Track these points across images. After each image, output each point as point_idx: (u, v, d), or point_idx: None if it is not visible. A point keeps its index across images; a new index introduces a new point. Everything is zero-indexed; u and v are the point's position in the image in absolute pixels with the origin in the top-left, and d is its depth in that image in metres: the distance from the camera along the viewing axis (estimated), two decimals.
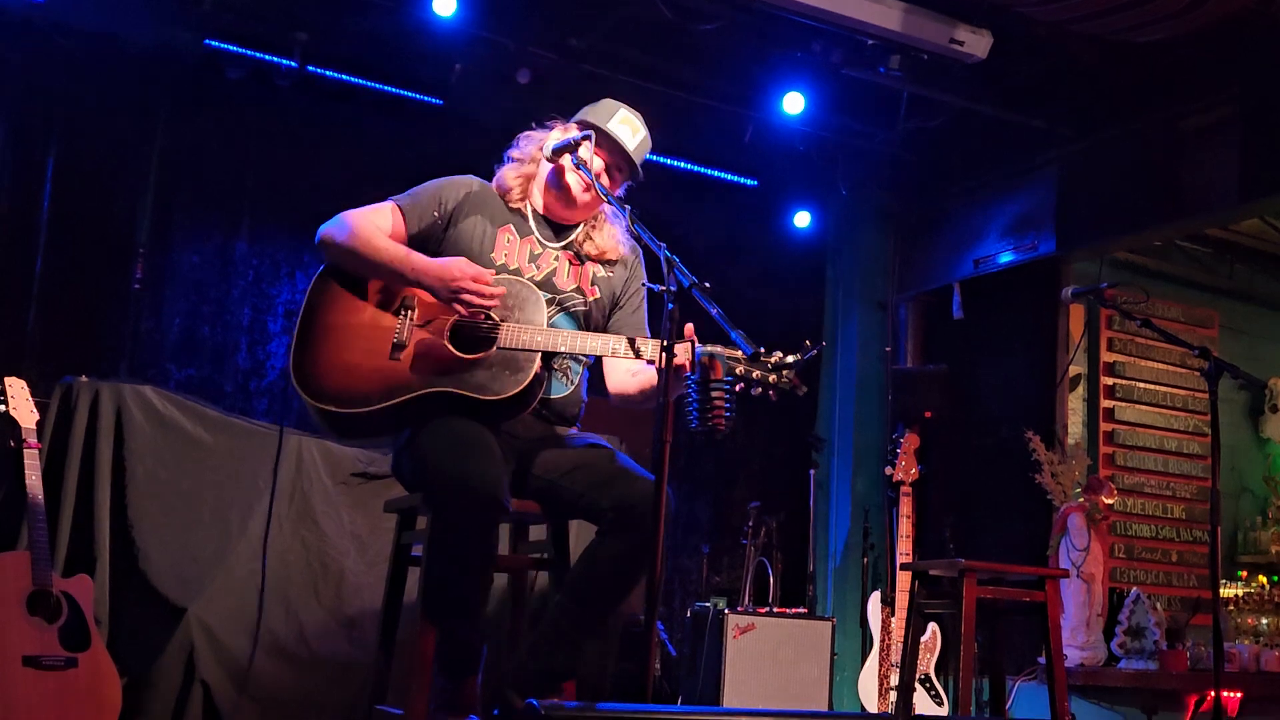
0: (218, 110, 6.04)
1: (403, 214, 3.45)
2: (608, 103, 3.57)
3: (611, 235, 3.60)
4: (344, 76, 6.13)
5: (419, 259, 3.33)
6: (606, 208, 3.58)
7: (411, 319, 3.33)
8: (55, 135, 5.78)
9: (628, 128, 3.52)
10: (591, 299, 3.54)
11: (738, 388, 3.04)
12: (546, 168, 3.51)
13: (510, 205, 3.53)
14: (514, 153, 3.60)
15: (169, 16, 5.75)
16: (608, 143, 3.50)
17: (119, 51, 5.79)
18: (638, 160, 3.54)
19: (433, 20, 5.65)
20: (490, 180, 3.62)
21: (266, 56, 5.94)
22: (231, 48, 5.90)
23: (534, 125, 3.64)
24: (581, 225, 3.59)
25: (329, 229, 3.40)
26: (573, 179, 3.47)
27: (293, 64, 5.91)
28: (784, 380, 3.04)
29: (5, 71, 5.66)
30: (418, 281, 3.31)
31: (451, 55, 6.00)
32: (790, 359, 3.05)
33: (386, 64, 6.19)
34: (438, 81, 6.17)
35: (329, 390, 3.29)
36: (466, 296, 3.25)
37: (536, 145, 3.58)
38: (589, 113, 3.54)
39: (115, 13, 5.68)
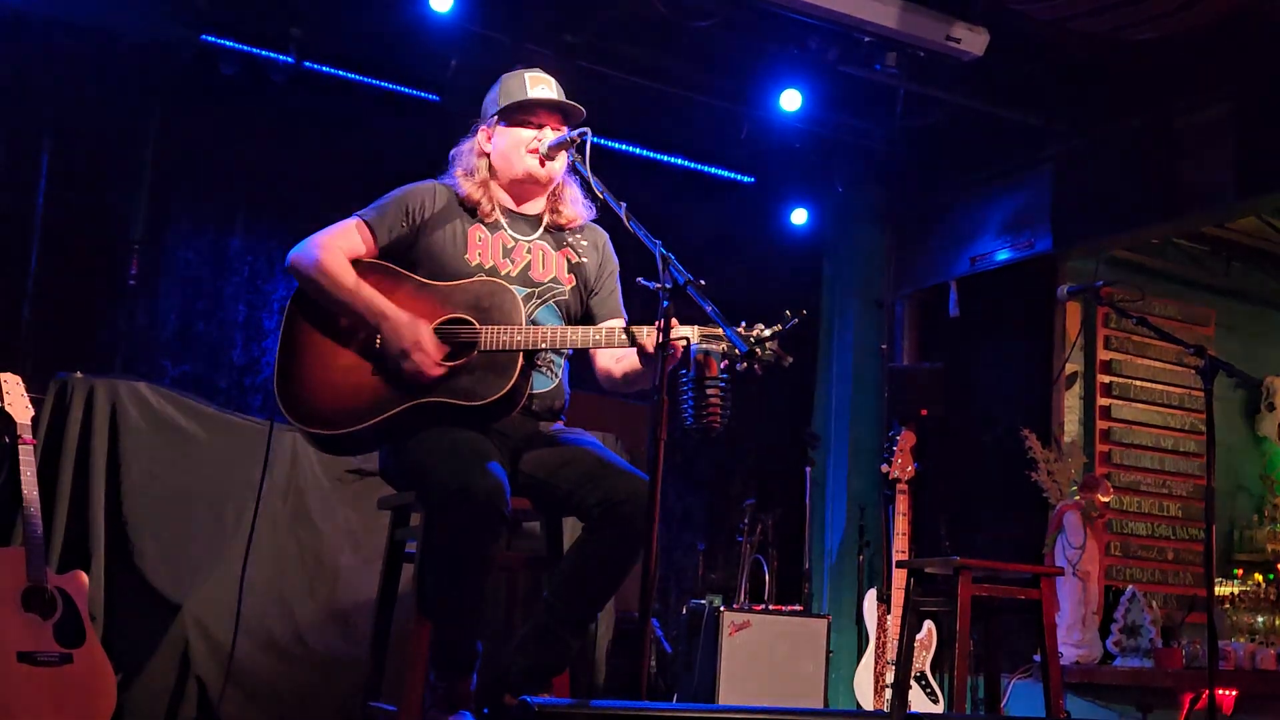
0: (213, 106, 6.03)
1: (370, 230, 3.41)
2: (511, 77, 3.55)
3: (575, 200, 3.60)
4: (340, 72, 6.12)
5: (378, 304, 3.28)
6: (565, 173, 3.57)
7: None
8: (50, 131, 5.77)
9: (544, 86, 3.52)
10: (569, 287, 3.54)
11: (724, 364, 3.04)
12: (523, 167, 3.49)
13: (480, 213, 3.52)
14: (458, 171, 3.56)
15: (164, 12, 5.74)
16: (543, 107, 3.49)
17: (114, 47, 5.78)
18: (569, 101, 3.53)
19: (429, 16, 5.64)
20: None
21: (262, 52, 5.93)
22: (227, 43, 5.88)
23: (460, 139, 3.63)
24: (545, 204, 3.58)
25: (296, 257, 3.36)
26: (551, 166, 3.48)
27: (288, 59, 5.90)
28: (767, 353, 3.04)
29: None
30: (374, 327, 3.28)
31: (447, 51, 5.99)
32: (769, 331, 3.05)
33: (382, 60, 6.18)
34: (434, 78, 6.17)
35: (316, 412, 3.29)
36: (407, 365, 3.23)
37: (474, 153, 3.56)
38: (505, 97, 3.51)
39: (110, 8, 5.67)
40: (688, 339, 3.11)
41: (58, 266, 5.73)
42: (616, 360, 3.50)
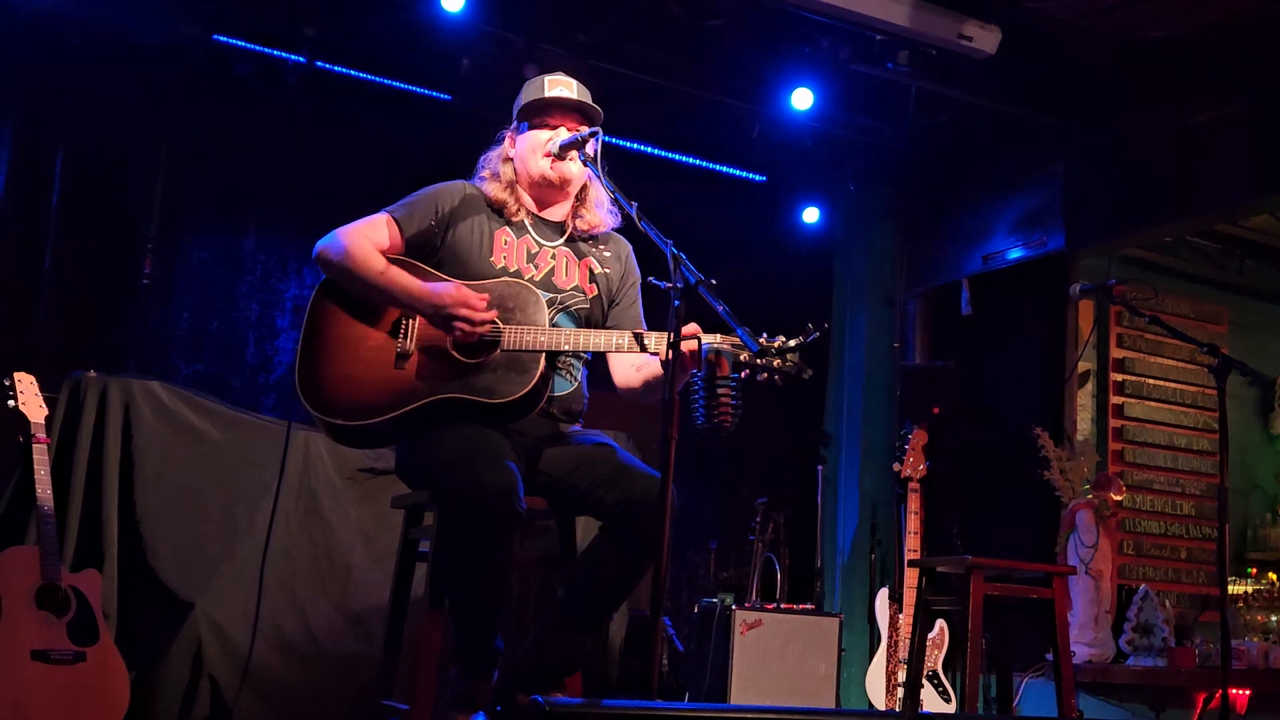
0: (226, 106, 6.04)
1: (398, 225, 3.43)
2: (533, 81, 3.57)
3: (599, 204, 3.61)
4: (352, 72, 6.13)
5: (412, 284, 3.31)
6: (589, 176, 3.58)
7: (414, 326, 3.34)
8: (64, 131, 5.80)
9: (563, 87, 3.53)
10: (591, 296, 3.55)
11: (743, 374, 3.05)
12: (537, 168, 3.50)
13: (507, 213, 3.53)
14: (485, 173, 3.58)
15: (177, 12, 5.75)
16: (560, 108, 3.51)
17: (127, 47, 5.79)
18: (589, 101, 3.54)
19: (441, 15, 5.65)
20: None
21: (275, 52, 5.94)
22: (240, 43, 5.90)
23: (486, 148, 3.65)
24: (569, 210, 3.59)
25: (324, 247, 3.38)
26: (561, 166, 3.48)
27: (301, 59, 5.91)
28: (788, 364, 3.05)
29: (14, 68, 5.67)
30: (411, 307, 3.30)
31: (459, 51, 6.00)
32: (793, 342, 3.06)
33: (395, 60, 6.19)
34: (446, 77, 6.18)
35: (336, 403, 3.29)
36: (459, 324, 3.24)
37: (500, 158, 3.57)
38: (525, 99, 3.54)
39: (123, 9, 5.69)
40: (699, 339, 3.12)
41: (72, 266, 5.75)
42: (637, 369, 3.50)
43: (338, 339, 3.36)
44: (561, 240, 3.57)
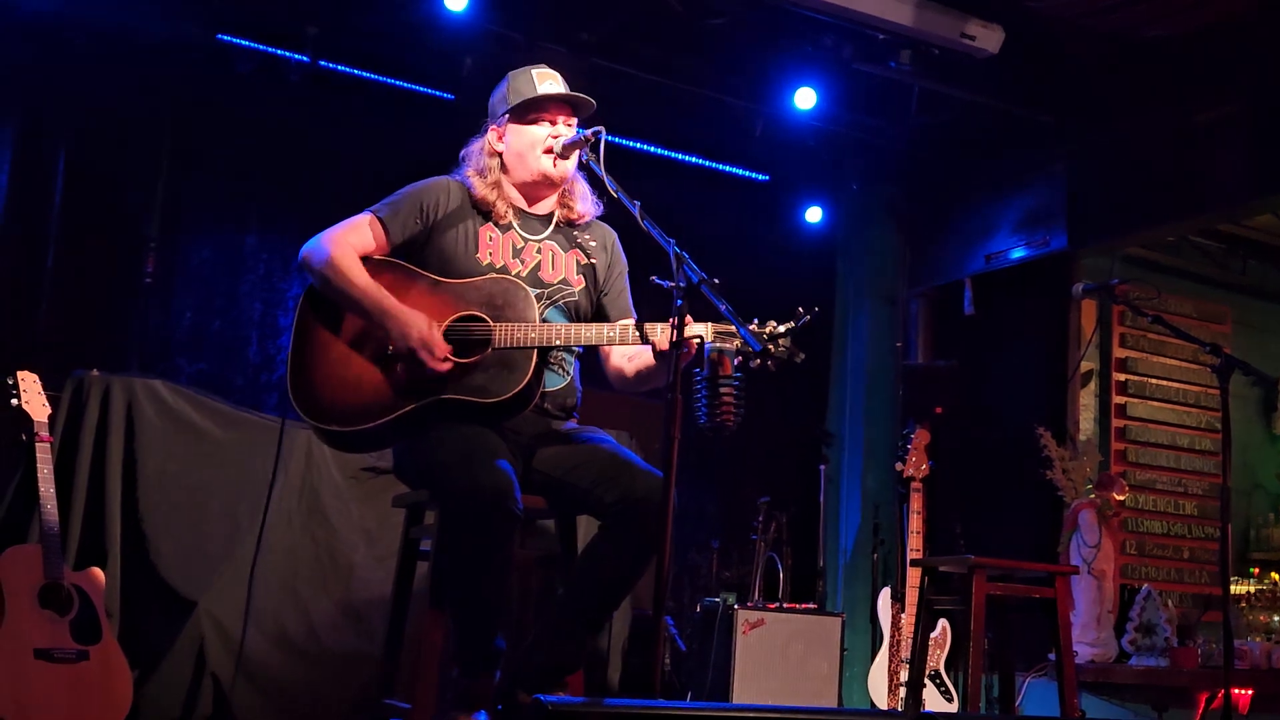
0: (228, 105, 6.04)
1: (383, 226, 3.42)
2: (518, 75, 3.54)
3: (584, 196, 3.60)
4: (355, 71, 6.14)
5: (386, 303, 3.28)
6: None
7: None
8: (66, 130, 5.80)
9: (551, 81, 3.51)
10: (579, 288, 3.54)
11: (736, 360, 3.05)
12: (539, 166, 3.49)
13: (494, 216, 3.51)
14: (469, 170, 3.55)
15: (180, 11, 5.76)
16: (554, 102, 3.49)
17: (130, 46, 5.79)
18: (579, 94, 3.52)
19: (444, 15, 5.65)
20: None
21: (277, 50, 5.94)
22: (242, 42, 5.90)
23: (470, 139, 3.63)
24: (556, 201, 3.58)
25: (308, 253, 3.37)
26: (564, 165, 3.47)
27: (303, 58, 5.91)
28: (780, 350, 3.05)
29: (16, 68, 5.67)
30: (381, 325, 3.28)
31: (462, 50, 6.00)
32: (783, 328, 3.07)
33: (397, 58, 6.19)
34: (448, 76, 6.18)
35: (330, 409, 3.30)
36: (414, 363, 3.23)
37: (485, 153, 3.54)
38: (515, 95, 3.50)
39: (124, 7, 5.69)
40: (702, 337, 3.12)
41: (74, 265, 5.75)
42: (629, 359, 3.50)
43: (329, 343, 3.36)
44: (547, 233, 3.56)
